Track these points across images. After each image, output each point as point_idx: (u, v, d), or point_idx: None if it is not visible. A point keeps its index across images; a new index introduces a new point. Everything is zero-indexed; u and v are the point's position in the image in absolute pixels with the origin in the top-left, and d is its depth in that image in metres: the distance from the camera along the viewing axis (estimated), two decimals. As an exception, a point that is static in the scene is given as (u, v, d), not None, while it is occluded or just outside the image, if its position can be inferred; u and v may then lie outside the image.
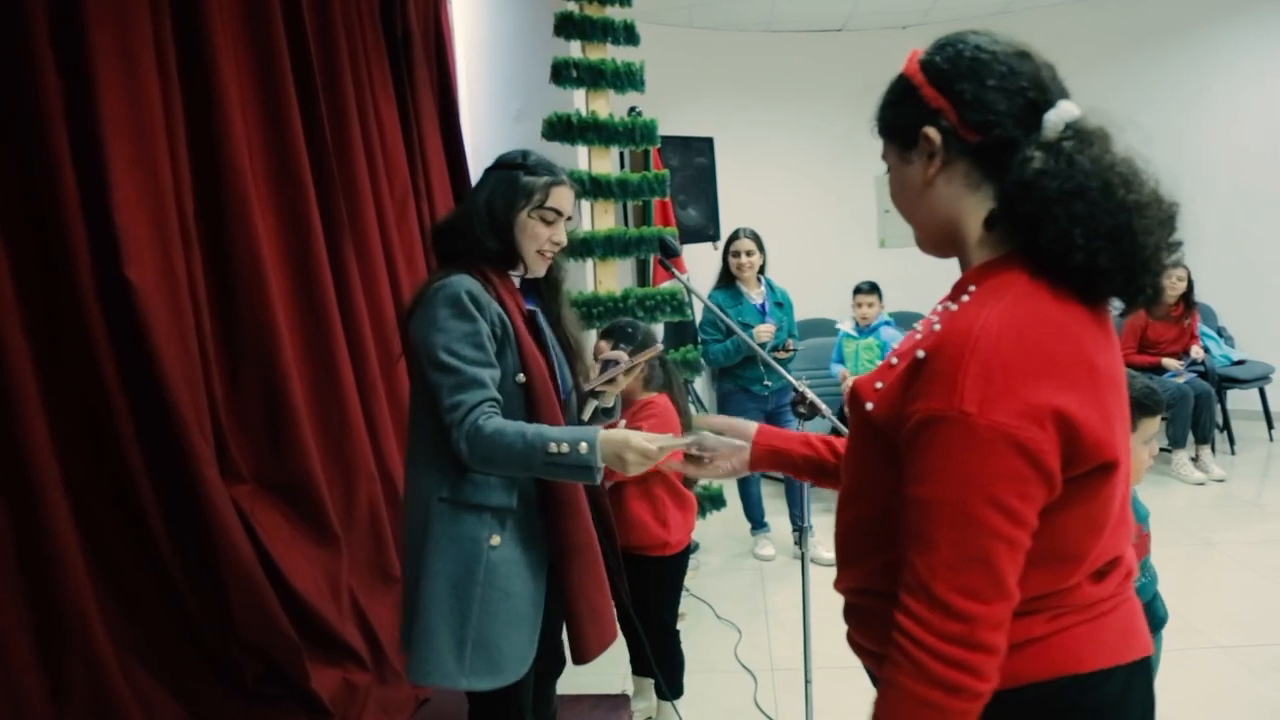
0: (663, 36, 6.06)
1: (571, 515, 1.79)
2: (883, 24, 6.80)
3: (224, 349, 2.63)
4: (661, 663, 2.69)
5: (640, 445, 1.59)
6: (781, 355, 4.13)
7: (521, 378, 1.74)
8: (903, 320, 6.65)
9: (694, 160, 6.53)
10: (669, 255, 2.50)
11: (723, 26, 6.77)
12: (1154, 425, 1.75)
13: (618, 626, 1.93)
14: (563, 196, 1.81)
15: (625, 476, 2.11)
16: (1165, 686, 1.22)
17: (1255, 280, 6.25)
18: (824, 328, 6.29)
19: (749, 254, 4.19)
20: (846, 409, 1.15)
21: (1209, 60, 6.41)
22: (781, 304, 4.34)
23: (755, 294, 4.27)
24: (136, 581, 2.26)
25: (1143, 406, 1.71)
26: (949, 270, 1.11)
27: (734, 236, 4.26)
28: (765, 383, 4.17)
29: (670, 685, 2.73)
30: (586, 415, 1.95)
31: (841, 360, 4.90)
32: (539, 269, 1.84)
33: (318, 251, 2.90)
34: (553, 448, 1.59)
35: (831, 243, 7.12)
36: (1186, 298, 5.47)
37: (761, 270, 4.30)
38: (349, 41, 3.22)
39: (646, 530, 2.63)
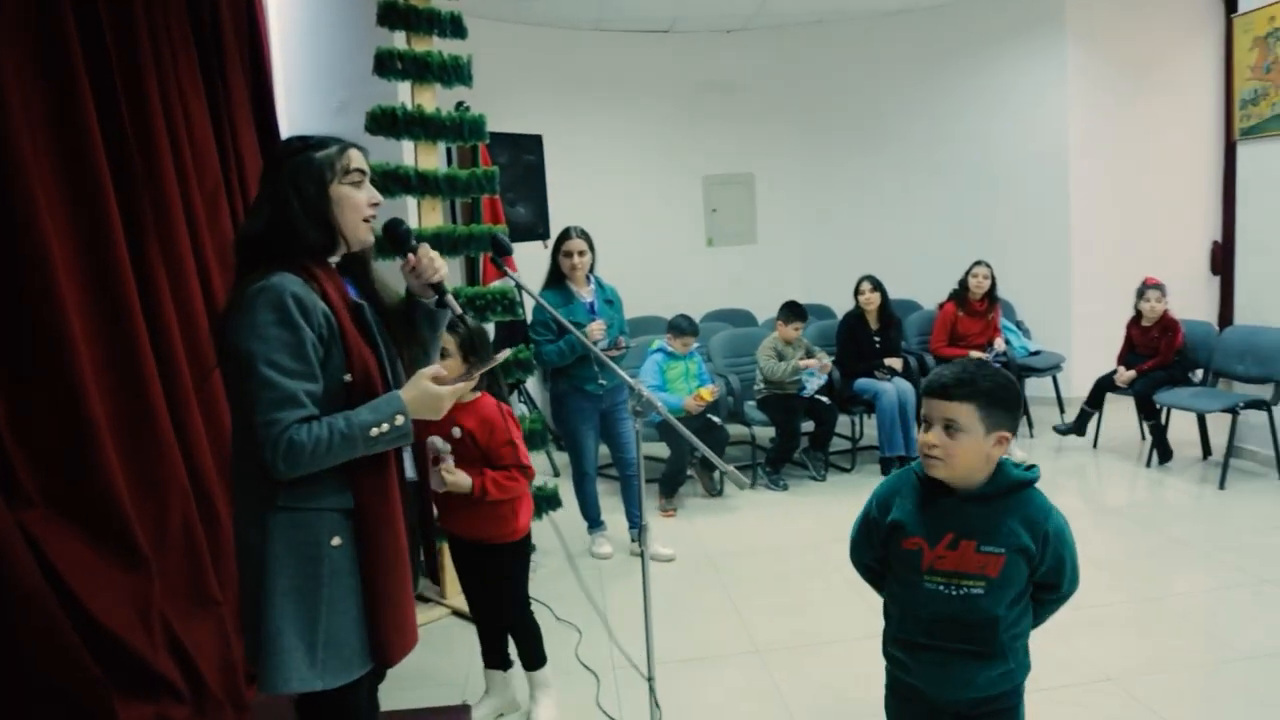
0: (490, 31, 5.97)
1: (386, 522, 1.75)
2: (708, 27, 6.95)
3: (7, 362, 2.38)
4: (525, 636, 2.85)
5: (441, 392, 1.73)
6: (614, 354, 4.12)
7: (348, 377, 1.69)
8: (729, 317, 6.86)
9: (523, 158, 6.49)
10: (501, 253, 2.47)
11: (552, 23, 6.74)
12: (944, 408, 1.76)
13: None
14: (358, 157, 1.80)
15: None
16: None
17: (1046, 276, 6.82)
18: (654, 325, 6.37)
19: (581, 254, 4.17)
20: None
21: (1003, 75, 6.93)
22: (612, 301, 4.36)
23: (585, 293, 4.26)
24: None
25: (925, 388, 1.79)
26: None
27: (564, 236, 4.21)
28: (600, 382, 4.18)
29: (537, 653, 2.86)
30: None
31: (664, 383, 5.12)
32: (367, 237, 1.82)
33: (118, 252, 2.66)
34: (374, 432, 1.65)
35: (660, 241, 7.24)
36: (990, 294, 5.93)
37: (591, 269, 4.29)
38: (149, 25, 2.97)
39: (503, 522, 2.71)
